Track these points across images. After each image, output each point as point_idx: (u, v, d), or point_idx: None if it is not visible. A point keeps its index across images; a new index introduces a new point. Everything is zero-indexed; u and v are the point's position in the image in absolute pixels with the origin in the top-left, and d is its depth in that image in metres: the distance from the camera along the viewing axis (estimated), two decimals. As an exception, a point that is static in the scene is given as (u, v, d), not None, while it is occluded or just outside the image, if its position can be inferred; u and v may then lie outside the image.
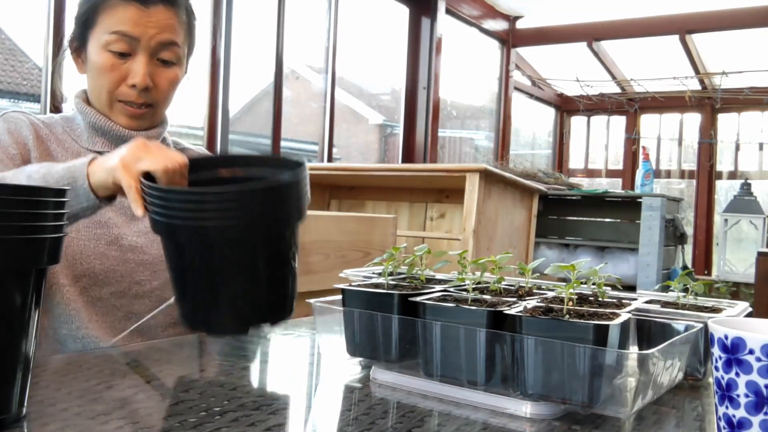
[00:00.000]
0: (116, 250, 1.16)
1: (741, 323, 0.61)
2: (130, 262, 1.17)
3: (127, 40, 1.13)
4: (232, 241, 0.83)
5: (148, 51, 1.15)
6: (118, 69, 1.15)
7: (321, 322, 0.93)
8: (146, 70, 1.15)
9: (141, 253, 1.18)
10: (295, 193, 0.86)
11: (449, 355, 0.77)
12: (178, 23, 1.19)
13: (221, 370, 0.86)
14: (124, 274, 1.16)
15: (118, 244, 1.17)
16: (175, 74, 1.20)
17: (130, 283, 1.17)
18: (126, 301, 1.16)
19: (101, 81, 1.16)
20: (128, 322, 1.15)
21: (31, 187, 0.75)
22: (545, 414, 0.72)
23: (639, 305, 0.86)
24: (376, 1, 4.37)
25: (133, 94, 1.16)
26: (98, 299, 1.14)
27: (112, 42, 1.14)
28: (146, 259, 1.19)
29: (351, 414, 0.73)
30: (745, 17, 4.58)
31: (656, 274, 3.85)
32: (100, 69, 1.15)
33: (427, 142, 4.33)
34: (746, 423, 0.56)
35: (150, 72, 1.16)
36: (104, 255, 1.15)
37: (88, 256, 1.14)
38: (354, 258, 1.88)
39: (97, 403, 0.71)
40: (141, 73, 1.14)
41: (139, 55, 1.15)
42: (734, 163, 5.42)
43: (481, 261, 0.89)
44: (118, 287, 1.16)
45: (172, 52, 1.18)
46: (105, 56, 1.15)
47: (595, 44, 5.16)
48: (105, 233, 1.16)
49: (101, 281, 1.15)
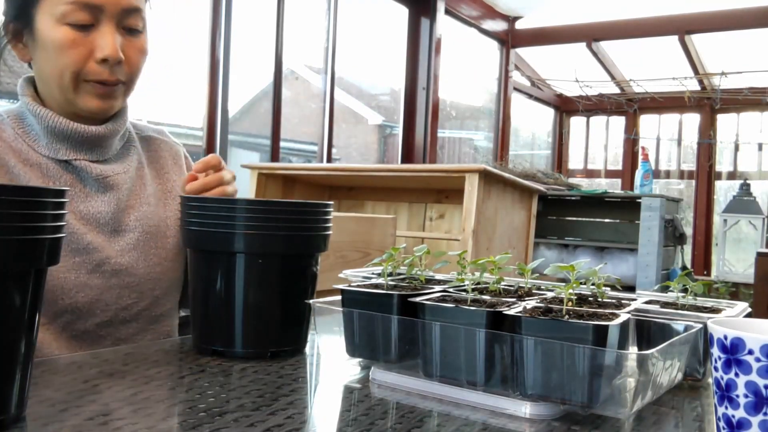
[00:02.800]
0: (99, 278, 1.05)
1: (740, 323, 0.61)
2: (115, 288, 1.07)
3: (89, 10, 0.98)
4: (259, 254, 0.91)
5: (114, 19, 1.00)
6: (81, 43, 0.99)
7: (320, 323, 0.93)
8: (116, 41, 1.00)
9: (126, 275, 1.08)
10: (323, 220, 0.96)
11: (449, 356, 0.77)
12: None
13: (221, 370, 0.86)
14: (109, 302, 1.07)
15: (101, 270, 1.05)
16: (143, 43, 1.06)
17: (117, 310, 1.08)
18: (113, 329, 1.08)
19: (63, 60, 0.99)
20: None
21: (30, 187, 0.75)
22: (545, 414, 0.72)
23: (638, 305, 0.86)
24: (376, 2, 4.37)
25: (105, 72, 1.01)
26: (83, 332, 1.06)
27: (69, 13, 0.98)
28: (132, 281, 1.09)
29: (350, 414, 0.73)
30: (744, 18, 4.58)
31: (655, 274, 3.85)
32: (60, 47, 0.99)
33: (427, 143, 4.33)
34: (746, 423, 0.56)
35: (120, 44, 1.01)
36: (87, 285, 1.04)
37: (70, 289, 1.02)
38: (353, 258, 1.88)
39: (97, 404, 0.71)
40: (111, 45, 0.99)
41: (104, 25, 1.00)
42: (733, 164, 5.42)
43: (481, 261, 0.89)
44: (104, 317, 1.06)
45: (138, 18, 1.04)
46: (63, 31, 0.98)
47: (594, 45, 5.16)
48: (86, 260, 1.04)
49: (85, 314, 1.05)
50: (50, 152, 1.05)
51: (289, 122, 3.64)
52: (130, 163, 1.14)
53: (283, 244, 0.92)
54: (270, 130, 3.43)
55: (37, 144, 1.05)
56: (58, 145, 1.05)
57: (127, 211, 1.11)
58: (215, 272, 0.93)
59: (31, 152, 1.04)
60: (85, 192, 1.07)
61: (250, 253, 0.91)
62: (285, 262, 0.94)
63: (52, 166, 1.05)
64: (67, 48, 0.99)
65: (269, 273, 0.93)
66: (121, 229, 1.10)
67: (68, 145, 1.05)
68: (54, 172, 1.05)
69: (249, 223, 0.90)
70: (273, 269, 0.93)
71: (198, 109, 3.06)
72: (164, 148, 1.24)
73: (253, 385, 0.82)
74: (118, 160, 1.13)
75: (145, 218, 1.13)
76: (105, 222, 1.08)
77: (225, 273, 0.92)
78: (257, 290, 0.92)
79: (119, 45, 1.01)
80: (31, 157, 1.04)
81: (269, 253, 0.92)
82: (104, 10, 0.99)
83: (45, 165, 1.04)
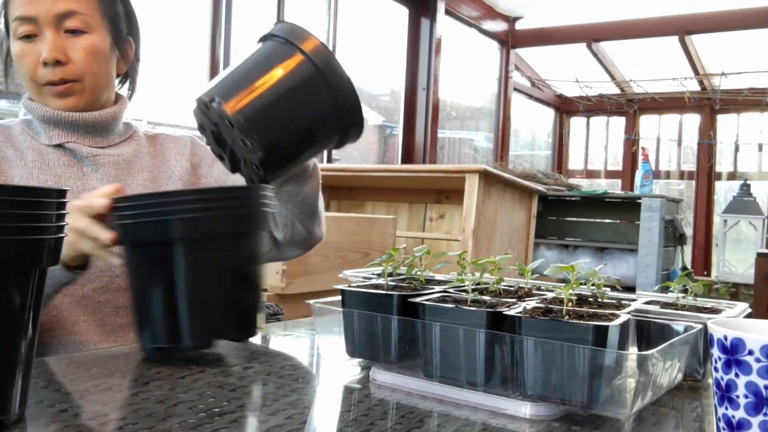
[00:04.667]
0: None
1: (740, 324, 0.61)
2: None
3: (28, 22, 1.11)
4: (194, 240, 0.88)
5: (51, 26, 1.11)
6: (30, 53, 1.12)
7: (320, 323, 0.93)
8: (53, 44, 1.11)
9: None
10: (257, 203, 0.93)
11: (449, 356, 0.77)
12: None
13: (221, 371, 0.86)
14: (102, 268, 1.13)
15: None
16: (88, 42, 1.14)
17: (111, 276, 1.14)
18: (110, 295, 1.14)
19: (22, 71, 1.14)
20: (117, 317, 1.14)
21: (31, 187, 0.75)
22: (545, 415, 0.72)
23: (638, 306, 0.86)
24: (376, 2, 4.38)
25: (49, 72, 1.13)
26: (83, 297, 1.12)
27: (17, 28, 1.12)
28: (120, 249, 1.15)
29: (350, 415, 0.74)
30: (744, 18, 4.59)
31: (655, 274, 3.85)
32: (18, 58, 1.14)
33: (427, 143, 4.33)
34: (746, 424, 0.56)
35: (61, 46, 1.12)
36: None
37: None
38: (353, 259, 1.88)
39: (97, 404, 0.71)
40: (47, 48, 1.11)
41: (44, 32, 1.12)
42: (733, 164, 5.43)
43: (481, 262, 0.89)
44: (99, 283, 1.13)
45: (78, 20, 1.13)
46: (18, 45, 1.13)
47: (594, 45, 5.16)
48: None
49: (82, 279, 1.10)
50: (47, 140, 1.18)
51: (289, 122, 3.64)
52: (126, 149, 1.23)
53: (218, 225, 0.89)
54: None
55: (38, 136, 1.19)
56: (52, 131, 1.18)
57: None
58: (152, 265, 0.90)
59: (34, 141, 1.19)
60: (82, 171, 1.18)
61: (186, 239, 0.88)
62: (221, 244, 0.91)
63: (51, 150, 1.18)
64: (20, 58, 1.14)
65: (207, 258, 0.90)
66: None
67: (60, 129, 1.18)
68: (52, 155, 1.17)
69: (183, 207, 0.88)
70: (210, 254, 0.90)
71: (198, 110, 3.05)
72: (168, 141, 1.32)
73: (253, 385, 0.82)
74: (114, 148, 1.22)
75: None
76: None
77: (162, 264, 0.89)
78: (197, 278, 0.89)
79: (62, 47, 1.12)
80: (33, 144, 1.18)
81: (207, 235, 0.89)
82: (39, 20, 1.11)
83: (44, 151, 1.17)
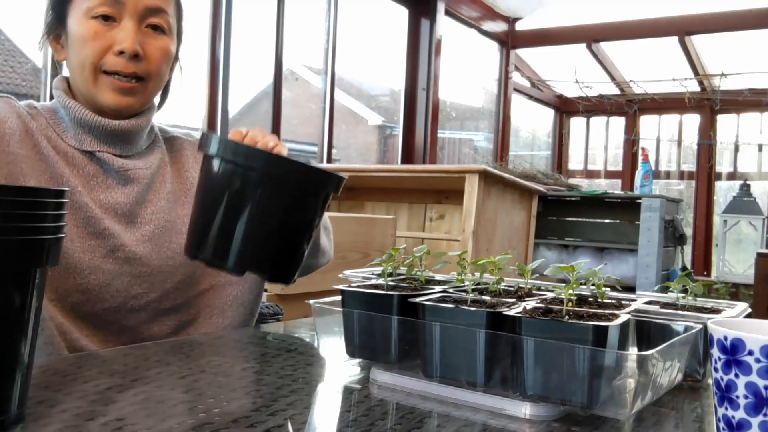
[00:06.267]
0: (113, 263, 1.07)
1: (740, 324, 0.61)
2: (126, 275, 1.09)
3: (113, 4, 1.05)
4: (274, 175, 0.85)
5: (136, 16, 1.06)
6: (102, 36, 1.05)
7: (320, 323, 0.93)
8: (135, 36, 1.06)
9: (140, 264, 1.10)
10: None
11: (448, 356, 0.77)
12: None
13: (220, 371, 0.86)
14: (120, 288, 1.08)
15: (115, 256, 1.08)
16: (166, 44, 1.11)
17: (126, 297, 1.09)
18: (120, 315, 1.09)
19: (85, 52, 1.06)
20: (122, 336, 1.10)
21: (30, 188, 0.75)
22: (544, 415, 0.72)
23: (638, 306, 0.86)
24: (376, 2, 4.38)
25: (121, 63, 1.06)
26: (90, 315, 1.07)
27: (95, 7, 1.04)
28: (144, 271, 1.10)
29: (350, 415, 0.73)
30: (743, 19, 4.59)
31: (655, 275, 3.85)
32: (84, 38, 1.05)
33: (427, 143, 4.33)
34: (745, 424, 0.56)
35: (139, 40, 1.06)
36: (99, 269, 1.06)
37: (83, 270, 1.04)
38: (353, 259, 1.88)
39: (97, 405, 0.71)
40: (129, 38, 1.05)
41: (125, 20, 1.06)
42: (733, 164, 5.43)
43: (481, 262, 0.89)
44: (113, 303, 1.08)
45: (162, 19, 1.09)
46: (88, 24, 1.05)
47: (594, 46, 5.16)
48: (101, 244, 1.07)
49: (94, 297, 1.06)
50: (76, 143, 1.10)
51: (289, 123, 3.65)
52: (152, 160, 1.18)
53: None
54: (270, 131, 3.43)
55: (65, 135, 1.10)
56: (84, 136, 1.10)
57: (144, 205, 1.14)
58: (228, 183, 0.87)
59: (60, 141, 1.10)
60: (107, 183, 1.11)
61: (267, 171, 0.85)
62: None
63: (78, 156, 1.10)
64: (89, 39, 1.05)
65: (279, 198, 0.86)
66: (137, 220, 1.13)
67: (93, 136, 1.11)
68: (79, 161, 1.10)
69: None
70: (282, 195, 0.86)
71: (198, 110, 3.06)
72: (186, 146, 1.27)
73: (253, 385, 0.82)
74: (141, 157, 1.17)
75: (161, 212, 1.15)
76: (123, 212, 1.11)
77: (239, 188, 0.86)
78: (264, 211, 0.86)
79: (139, 41, 1.07)
80: (59, 145, 1.09)
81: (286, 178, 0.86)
82: (126, 6, 1.05)
83: (71, 154, 1.10)
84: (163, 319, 1.15)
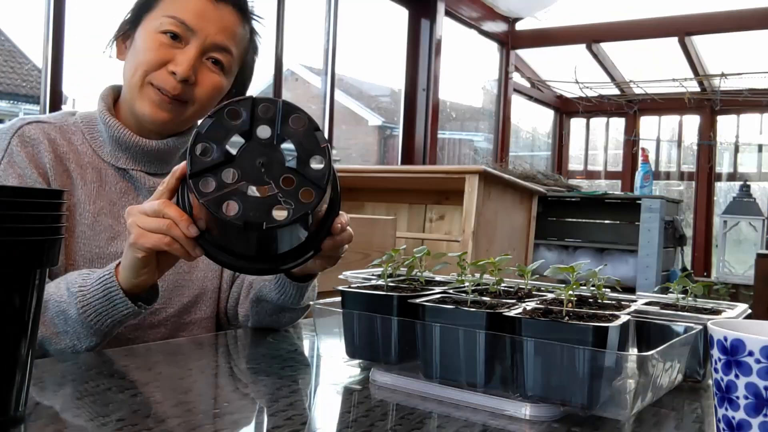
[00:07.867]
0: None
1: (740, 325, 0.61)
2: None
3: (183, 27, 1.07)
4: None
5: (202, 46, 1.08)
6: (164, 51, 1.07)
7: (320, 324, 0.93)
8: (192, 63, 1.07)
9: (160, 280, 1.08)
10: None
11: (448, 357, 0.77)
12: (240, 34, 1.14)
13: (220, 372, 0.86)
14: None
15: None
16: (219, 81, 1.12)
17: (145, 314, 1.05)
18: (141, 332, 1.09)
19: (141, 59, 1.08)
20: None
21: (30, 188, 0.75)
22: (544, 416, 0.72)
23: (638, 307, 0.86)
24: (376, 3, 4.38)
25: (171, 82, 1.08)
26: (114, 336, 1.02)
27: (168, 24, 1.07)
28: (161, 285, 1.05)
29: (350, 416, 0.73)
30: (743, 19, 4.59)
31: (655, 275, 3.85)
32: (147, 47, 1.08)
33: (427, 144, 4.33)
34: (746, 425, 0.56)
35: (195, 68, 1.08)
36: None
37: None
38: (353, 260, 1.88)
39: (97, 405, 0.71)
40: (186, 63, 1.07)
41: (190, 46, 1.08)
42: (733, 165, 5.42)
43: (481, 263, 0.89)
44: (132, 321, 1.03)
45: (225, 57, 1.11)
46: (156, 36, 1.08)
47: (594, 46, 5.16)
48: None
49: None
50: (112, 159, 1.12)
51: (289, 123, 3.64)
52: None
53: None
54: (270, 131, 3.43)
55: (101, 150, 1.13)
56: (120, 154, 1.13)
57: None
58: None
59: (95, 156, 1.12)
60: (138, 201, 1.11)
61: None
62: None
63: (111, 172, 1.12)
64: (151, 50, 1.07)
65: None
66: None
67: (129, 155, 1.13)
68: (111, 177, 1.12)
69: None
70: None
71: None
72: None
73: (252, 386, 0.82)
74: None
75: None
76: None
77: None
78: None
79: (194, 69, 1.08)
80: (94, 160, 1.12)
81: None
82: (196, 34, 1.08)
83: (105, 170, 1.12)
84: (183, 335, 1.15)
